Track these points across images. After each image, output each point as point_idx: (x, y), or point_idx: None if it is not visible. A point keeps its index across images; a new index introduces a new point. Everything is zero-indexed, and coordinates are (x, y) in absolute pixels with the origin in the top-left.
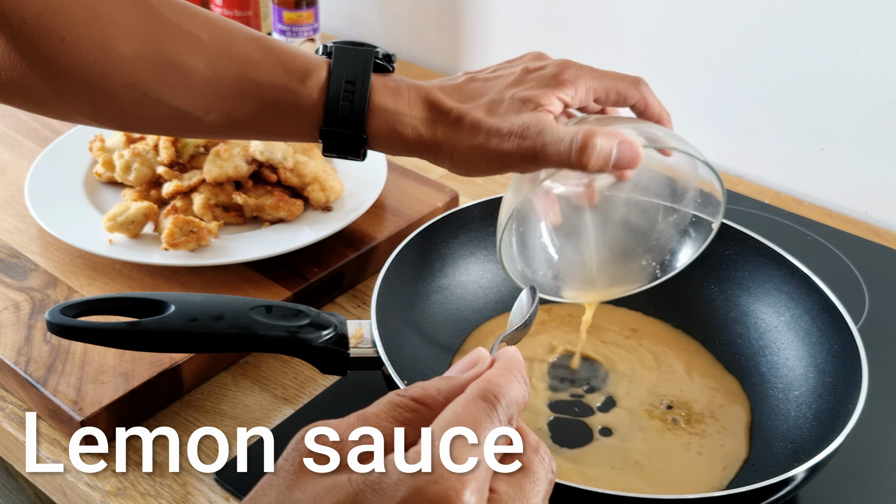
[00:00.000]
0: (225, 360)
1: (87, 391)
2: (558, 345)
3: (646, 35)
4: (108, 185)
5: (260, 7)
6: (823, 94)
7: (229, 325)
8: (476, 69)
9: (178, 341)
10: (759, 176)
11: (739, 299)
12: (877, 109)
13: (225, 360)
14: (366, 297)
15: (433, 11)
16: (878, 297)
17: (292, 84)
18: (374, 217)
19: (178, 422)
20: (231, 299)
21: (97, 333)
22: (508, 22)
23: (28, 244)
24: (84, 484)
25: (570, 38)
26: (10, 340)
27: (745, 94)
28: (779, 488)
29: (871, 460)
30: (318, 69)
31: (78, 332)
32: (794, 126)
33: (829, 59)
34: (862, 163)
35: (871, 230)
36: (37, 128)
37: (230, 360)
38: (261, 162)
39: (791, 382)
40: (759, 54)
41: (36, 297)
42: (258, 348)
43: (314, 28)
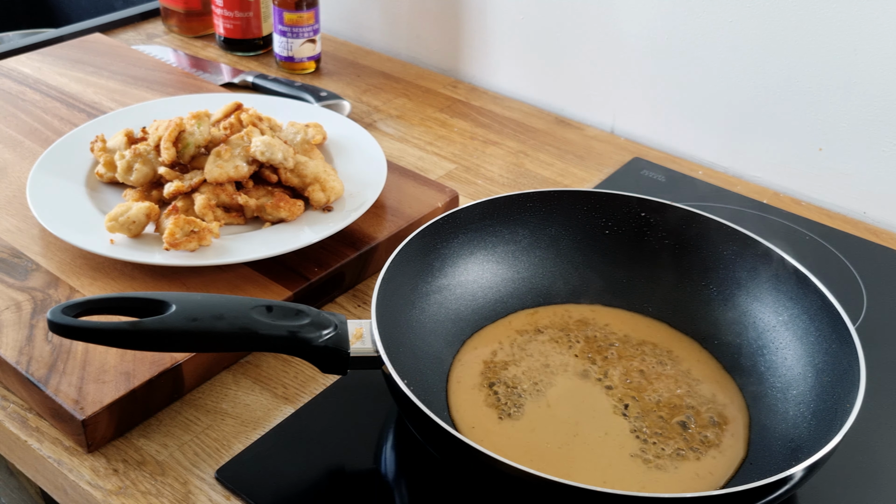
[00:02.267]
0: (226, 360)
1: (89, 390)
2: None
3: (645, 34)
4: (109, 185)
5: (261, 8)
6: (822, 94)
7: (230, 324)
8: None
9: (179, 341)
10: (758, 176)
11: (737, 299)
12: (875, 110)
13: (226, 360)
14: (366, 296)
15: (433, 12)
16: (876, 296)
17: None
18: (375, 217)
19: (179, 421)
20: (231, 299)
21: (98, 333)
22: (508, 23)
23: (29, 244)
24: (85, 483)
25: (569, 38)
26: (11, 340)
27: (743, 94)
28: (777, 487)
29: (868, 459)
30: None
31: (79, 332)
32: (792, 126)
33: (827, 60)
34: (860, 163)
35: (869, 230)
36: (38, 128)
37: (231, 360)
38: (261, 162)
39: (789, 382)
40: (757, 54)
41: (37, 296)
42: (259, 348)
43: (315, 29)
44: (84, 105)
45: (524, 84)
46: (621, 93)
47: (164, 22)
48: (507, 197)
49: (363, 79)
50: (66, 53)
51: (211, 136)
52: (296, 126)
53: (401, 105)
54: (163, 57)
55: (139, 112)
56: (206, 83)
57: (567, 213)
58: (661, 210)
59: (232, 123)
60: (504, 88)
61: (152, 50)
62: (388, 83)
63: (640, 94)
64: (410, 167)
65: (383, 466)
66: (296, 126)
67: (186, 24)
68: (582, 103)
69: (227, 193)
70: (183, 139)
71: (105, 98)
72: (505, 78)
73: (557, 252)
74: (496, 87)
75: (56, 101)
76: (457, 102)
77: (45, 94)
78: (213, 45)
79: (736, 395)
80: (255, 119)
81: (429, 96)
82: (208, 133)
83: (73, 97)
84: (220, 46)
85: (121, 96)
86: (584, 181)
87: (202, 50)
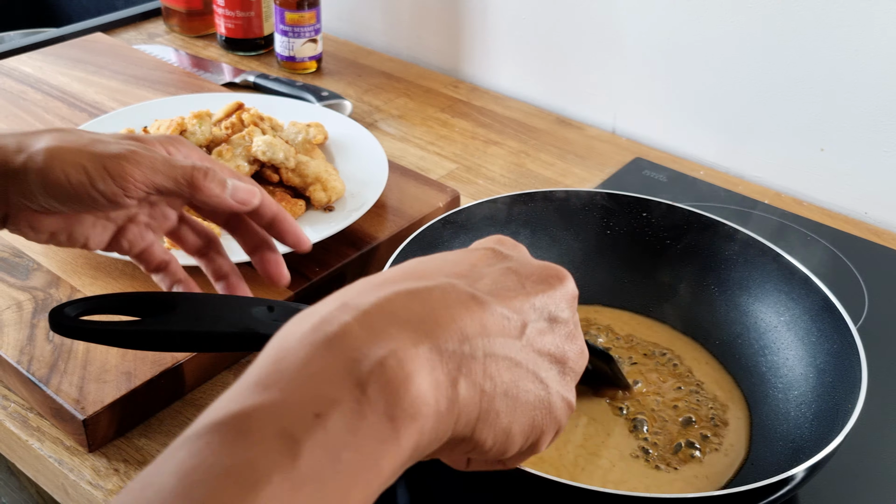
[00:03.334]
0: (227, 360)
1: (90, 390)
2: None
3: (645, 34)
4: None
5: (262, 8)
6: (823, 94)
7: (231, 324)
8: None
9: (181, 341)
10: (759, 176)
11: (739, 299)
12: (877, 110)
13: (227, 360)
14: None
15: (434, 12)
16: (877, 297)
17: None
18: (376, 217)
19: (180, 421)
20: (233, 298)
21: (99, 333)
22: (510, 22)
23: (31, 243)
24: (86, 483)
25: (571, 38)
26: (12, 340)
27: (745, 95)
28: (778, 487)
29: (870, 459)
30: None
31: (80, 332)
32: (794, 126)
33: (829, 59)
34: (862, 163)
35: (870, 230)
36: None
37: (232, 360)
38: (263, 162)
39: (791, 382)
40: (758, 54)
41: (38, 296)
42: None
43: (316, 29)
44: (85, 104)
45: (525, 84)
46: (623, 93)
47: (165, 21)
48: (511, 196)
49: (364, 78)
50: (67, 53)
51: (212, 135)
52: (297, 126)
53: (402, 105)
54: (164, 56)
55: (140, 112)
56: (208, 83)
57: (568, 213)
58: (662, 210)
59: (233, 123)
60: (505, 88)
61: (154, 49)
62: (390, 83)
63: (641, 95)
64: (412, 167)
65: None
66: (297, 126)
67: (188, 24)
68: (583, 103)
69: None
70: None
71: (106, 97)
72: (506, 78)
73: (559, 252)
74: (497, 86)
75: (57, 100)
76: (458, 102)
77: (46, 94)
78: (215, 45)
79: (737, 396)
80: (257, 119)
81: (430, 96)
82: (210, 133)
83: (75, 97)
84: (221, 46)
85: (122, 96)
86: (585, 181)
87: (203, 49)
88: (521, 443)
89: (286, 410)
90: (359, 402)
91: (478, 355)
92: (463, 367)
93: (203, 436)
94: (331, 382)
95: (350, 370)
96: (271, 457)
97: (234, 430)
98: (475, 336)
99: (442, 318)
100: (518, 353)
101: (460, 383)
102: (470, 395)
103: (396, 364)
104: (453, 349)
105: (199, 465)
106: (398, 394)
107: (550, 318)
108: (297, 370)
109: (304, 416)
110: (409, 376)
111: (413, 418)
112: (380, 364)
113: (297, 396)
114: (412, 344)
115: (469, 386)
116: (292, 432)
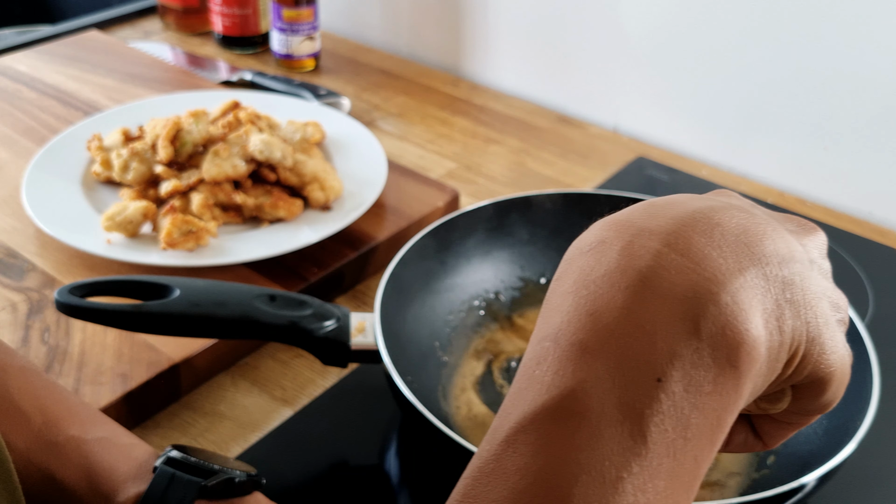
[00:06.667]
0: (224, 362)
1: (85, 392)
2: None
3: (649, 32)
4: (105, 184)
5: (259, 5)
6: (828, 93)
7: (231, 311)
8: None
9: (181, 325)
10: (763, 176)
11: None
12: (881, 109)
13: (224, 362)
14: (366, 297)
15: (434, 9)
16: (882, 297)
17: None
18: (374, 217)
19: (176, 423)
20: (235, 286)
21: (103, 314)
22: (510, 20)
23: (25, 244)
24: None
25: (572, 35)
26: (7, 341)
27: (748, 94)
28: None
29: (881, 464)
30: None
31: (85, 312)
32: (798, 125)
33: (833, 58)
34: (866, 162)
35: (875, 230)
36: (34, 126)
37: (229, 362)
38: (260, 161)
39: None
40: (762, 54)
41: (33, 297)
42: (260, 336)
43: (314, 26)
44: (80, 103)
45: (526, 82)
46: (625, 91)
47: (161, 19)
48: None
49: (363, 76)
50: (62, 51)
51: (209, 134)
52: (294, 124)
53: (401, 103)
54: (160, 54)
55: (136, 110)
56: (204, 81)
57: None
58: None
59: (230, 122)
60: (506, 86)
61: (149, 47)
62: (389, 81)
63: (643, 93)
64: (411, 166)
65: (383, 469)
66: (294, 124)
67: (184, 21)
68: (585, 101)
69: (224, 192)
70: (180, 137)
71: (102, 96)
72: (507, 76)
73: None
74: (498, 84)
75: (52, 99)
76: (458, 100)
77: (41, 92)
78: (211, 43)
79: None
80: (254, 117)
81: (429, 94)
82: (206, 131)
83: (70, 95)
84: (217, 44)
85: (117, 94)
86: (587, 180)
87: (200, 47)
88: (840, 391)
89: (621, 379)
90: (698, 351)
91: (796, 280)
92: (787, 292)
93: (529, 431)
94: (665, 334)
95: (683, 314)
96: (621, 442)
97: (566, 415)
98: (788, 260)
99: (755, 236)
100: (819, 284)
101: (786, 313)
102: (796, 327)
103: (729, 297)
104: (775, 273)
105: (545, 466)
106: (738, 333)
107: (820, 263)
108: (622, 324)
109: (644, 382)
110: (745, 310)
111: (754, 360)
112: (713, 299)
113: (631, 359)
114: (738, 270)
115: (794, 316)
116: (633, 405)
